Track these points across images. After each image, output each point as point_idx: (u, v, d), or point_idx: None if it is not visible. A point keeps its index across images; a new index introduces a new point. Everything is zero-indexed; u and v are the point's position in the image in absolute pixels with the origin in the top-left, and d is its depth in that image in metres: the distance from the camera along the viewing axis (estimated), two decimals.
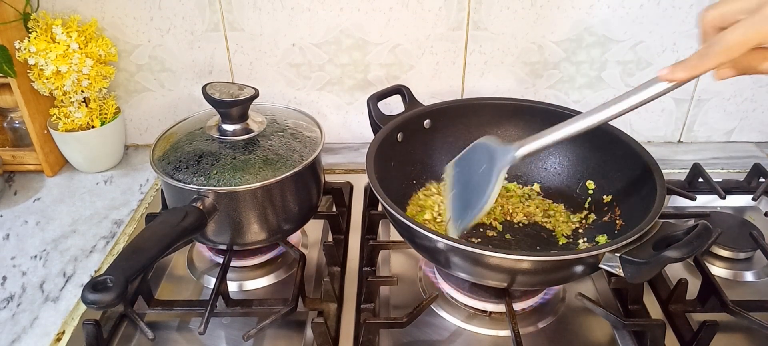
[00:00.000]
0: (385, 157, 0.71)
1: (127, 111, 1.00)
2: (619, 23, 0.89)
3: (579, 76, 0.94)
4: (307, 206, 0.73)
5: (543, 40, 0.91)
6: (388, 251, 0.76)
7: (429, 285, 0.71)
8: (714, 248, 0.75)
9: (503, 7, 0.88)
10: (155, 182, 0.92)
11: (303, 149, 0.70)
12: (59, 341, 0.64)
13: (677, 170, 0.92)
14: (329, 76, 0.95)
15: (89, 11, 0.89)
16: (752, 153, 0.99)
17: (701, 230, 0.50)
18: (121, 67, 0.95)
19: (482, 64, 0.94)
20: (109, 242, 0.79)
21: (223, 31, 0.91)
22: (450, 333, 0.65)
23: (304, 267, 0.69)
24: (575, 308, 0.68)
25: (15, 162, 0.94)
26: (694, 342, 0.61)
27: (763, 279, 0.73)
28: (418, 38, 0.91)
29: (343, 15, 0.89)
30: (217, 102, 0.67)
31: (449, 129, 0.81)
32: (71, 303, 0.69)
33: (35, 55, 0.82)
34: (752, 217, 0.82)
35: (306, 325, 0.66)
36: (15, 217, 0.85)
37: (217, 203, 0.64)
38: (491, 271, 0.56)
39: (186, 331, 0.67)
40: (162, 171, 0.66)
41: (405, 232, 0.62)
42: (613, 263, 0.53)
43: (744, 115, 0.99)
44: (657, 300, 0.68)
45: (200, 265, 0.76)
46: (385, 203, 0.60)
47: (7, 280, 0.73)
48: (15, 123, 0.93)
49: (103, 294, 0.50)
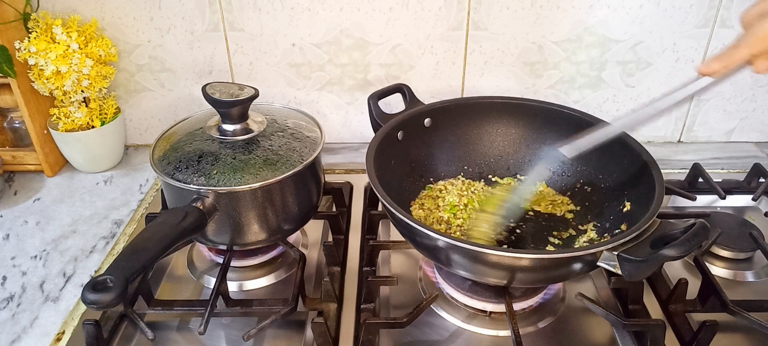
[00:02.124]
0: (385, 155, 0.71)
1: (127, 111, 1.00)
2: (619, 23, 0.89)
3: (579, 76, 0.94)
4: (307, 206, 0.73)
5: (543, 40, 0.91)
6: (388, 251, 0.76)
7: (429, 285, 0.71)
8: (714, 248, 0.75)
9: (503, 7, 0.88)
10: (155, 182, 0.92)
11: (303, 149, 0.70)
12: (59, 341, 0.64)
13: (677, 170, 0.92)
14: (329, 76, 0.95)
15: (89, 11, 0.89)
16: (752, 153, 0.99)
17: (699, 229, 0.50)
18: (121, 67, 0.95)
19: (482, 64, 0.94)
20: (109, 242, 0.79)
21: (223, 31, 0.91)
22: (450, 333, 0.65)
23: (304, 267, 0.69)
24: (575, 308, 0.68)
25: (15, 162, 0.94)
26: (694, 342, 0.61)
27: (763, 279, 0.73)
28: (418, 38, 0.91)
29: (343, 15, 0.89)
30: (217, 102, 0.67)
31: (449, 128, 0.81)
32: (71, 303, 0.69)
33: (35, 55, 0.82)
34: (752, 217, 0.82)
35: (306, 325, 0.66)
36: (15, 217, 0.85)
37: (217, 203, 0.64)
38: (491, 268, 0.57)
39: (186, 331, 0.67)
40: (162, 171, 0.66)
41: (405, 230, 0.62)
42: (612, 262, 0.53)
43: (744, 115, 0.99)
44: (657, 300, 0.68)
45: (200, 265, 0.76)
46: (384, 200, 0.60)
47: (7, 280, 0.73)
48: (15, 123, 0.93)
49: (103, 294, 0.50)
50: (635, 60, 0.93)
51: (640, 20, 0.89)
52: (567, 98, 0.96)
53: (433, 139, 0.81)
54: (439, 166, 0.82)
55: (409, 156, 0.78)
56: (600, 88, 0.96)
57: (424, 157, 0.81)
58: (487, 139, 0.83)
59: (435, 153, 0.81)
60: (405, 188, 0.77)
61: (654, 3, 0.87)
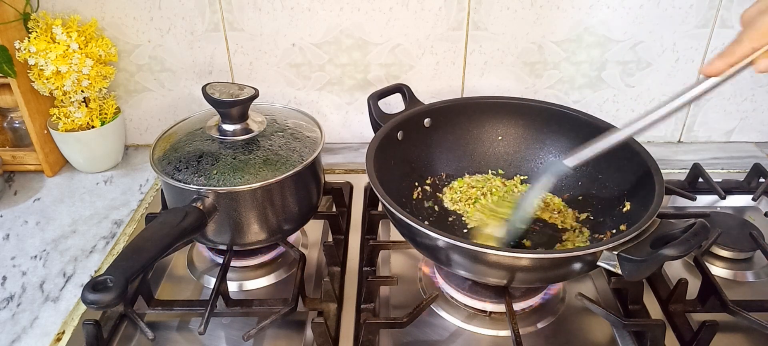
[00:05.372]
0: (385, 155, 0.71)
1: (127, 111, 1.00)
2: (619, 23, 0.89)
3: (579, 76, 0.94)
4: (307, 206, 0.73)
5: (543, 40, 0.91)
6: (388, 251, 0.76)
7: (429, 285, 0.71)
8: (714, 248, 0.74)
9: (503, 7, 0.88)
10: (155, 182, 0.92)
11: (303, 149, 0.70)
12: (59, 341, 0.64)
13: (677, 170, 0.92)
14: (329, 76, 0.95)
15: (89, 11, 0.89)
16: (752, 153, 0.99)
17: (698, 228, 0.50)
18: (121, 67, 0.95)
19: (482, 64, 0.94)
20: (109, 242, 0.79)
21: (223, 31, 0.91)
22: (450, 333, 0.65)
23: (304, 267, 0.69)
24: (575, 308, 0.68)
25: (15, 162, 0.94)
26: (694, 342, 0.61)
27: (763, 279, 0.73)
28: (418, 38, 0.91)
29: (343, 15, 0.89)
30: (217, 102, 0.67)
31: (449, 128, 0.81)
32: (71, 303, 0.69)
33: (35, 55, 0.82)
34: (752, 217, 0.82)
35: (306, 325, 0.66)
36: (15, 217, 0.85)
37: (217, 203, 0.64)
38: (491, 268, 0.57)
39: (186, 331, 0.67)
40: (162, 171, 0.66)
41: (405, 230, 0.62)
42: (612, 261, 0.53)
43: (744, 115, 0.99)
44: (657, 300, 0.68)
45: (200, 265, 0.76)
46: (384, 200, 0.60)
47: (7, 280, 0.73)
48: (15, 123, 0.93)
49: (103, 294, 0.50)
50: (635, 60, 0.93)
51: (640, 20, 0.89)
52: (567, 98, 0.96)
53: (433, 139, 0.81)
54: (438, 166, 0.82)
55: (409, 156, 0.78)
56: (600, 88, 0.96)
57: (424, 157, 0.81)
58: (487, 139, 0.83)
59: (435, 153, 0.81)
60: (405, 187, 0.77)
61: (654, 3, 0.87)
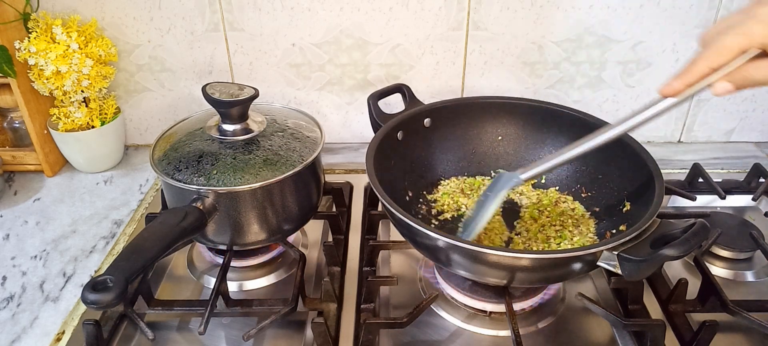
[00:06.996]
0: (385, 155, 0.71)
1: (127, 111, 1.00)
2: (619, 23, 0.89)
3: (579, 76, 0.94)
4: (307, 206, 0.73)
5: (543, 40, 0.91)
6: (388, 251, 0.76)
7: (429, 285, 0.71)
8: (714, 248, 0.74)
9: (503, 7, 0.88)
10: (155, 182, 0.92)
11: (303, 149, 0.70)
12: (59, 341, 0.64)
13: (677, 170, 0.92)
14: (329, 76, 0.95)
15: (89, 11, 0.89)
16: (752, 153, 0.99)
17: (698, 228, 0.50)
18: (121, 67, 0.95)
19: (482, 64, 0.94)
20: (109, 242, 0.79)
21: (223, 31, 0.91)
22: (450, 333, 0.65)
23: (304, 267, 0.69)
24: (575, 308, 0.68)
25: (15, 162, 0.94)
26: (694, 342, 0.61)
27: (763, 279, 0.73)
28: (418, 38, 0.91)
29: (343, 15, 0.89)
30: (217, 102, 0.67)
31: (449, 128, 0.81)
32: (71, 303, 0.69)
33: (35, 55, 0.82)
34: (752, 217, 0.82)
35: (306, 325, 0.66)
36: (15, 217, 0.85)
37: (217, 203, 0.64)
38: (491, 268, 0.56)
39: (186, 331, 0.67)
40: (162, 171, 0.66)
41: (405, 230, 0.62)
42: (612, 261, 0.53)
43: (744, 115, 0.99)
44: (657, 300, 0.68)
45: (200, 265, 0.76)
46: (384, 200, 0.60)
47: (7, 280, 0.73)
48: (15, 123, 0.93)
49: (103, 294, 0.50)
50: (635, 60, 0.93)
51: (640, 20, 0.89)
52: (567, 98, 0.96)
53: (433, 139, 0.81)
54: (439, 166, 0.82)
55: (409, 156, 0.78)
56: (600, 88, 0.96)
57: (424, 157, 0.80)
58: (487, 140, 0.83)
59: (435, 153, 0.81)
60: (405, 187, 0.77)
61: (654, 3, 0.87)
